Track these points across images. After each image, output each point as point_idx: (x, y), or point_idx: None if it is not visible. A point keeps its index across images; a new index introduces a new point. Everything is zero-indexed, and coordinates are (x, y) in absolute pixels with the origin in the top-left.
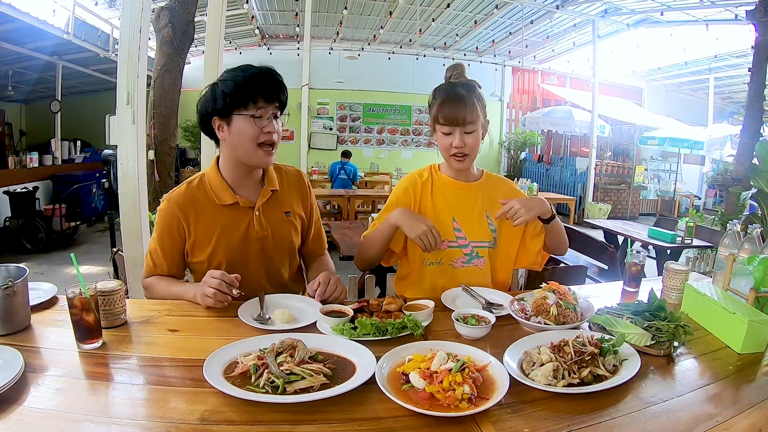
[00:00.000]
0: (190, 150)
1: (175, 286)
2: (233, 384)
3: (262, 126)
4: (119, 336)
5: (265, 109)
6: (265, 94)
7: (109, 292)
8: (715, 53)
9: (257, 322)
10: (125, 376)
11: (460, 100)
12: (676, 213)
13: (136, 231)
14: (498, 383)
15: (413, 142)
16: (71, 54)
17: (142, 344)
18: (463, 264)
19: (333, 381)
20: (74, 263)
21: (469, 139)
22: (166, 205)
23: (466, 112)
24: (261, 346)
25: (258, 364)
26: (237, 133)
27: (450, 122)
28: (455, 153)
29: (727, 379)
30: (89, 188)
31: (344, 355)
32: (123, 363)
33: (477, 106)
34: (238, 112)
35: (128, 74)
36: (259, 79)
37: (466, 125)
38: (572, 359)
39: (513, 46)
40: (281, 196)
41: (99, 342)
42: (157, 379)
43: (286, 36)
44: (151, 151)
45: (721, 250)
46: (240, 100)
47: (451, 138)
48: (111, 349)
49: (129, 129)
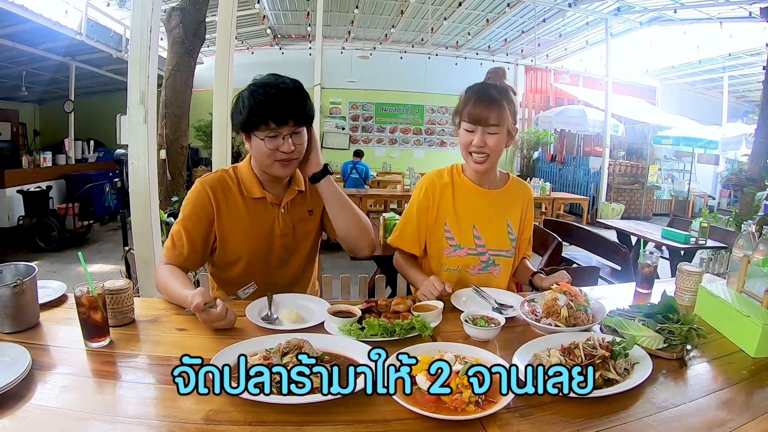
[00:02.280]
0: (203, 150)
1: (178, 291)
2: None
3: (276, 146)
4: (127, 334)
5: (278, 131)
6: (276, 118)
7: (117, 290)
8: (729, 51)
9: (265, 321)
10: (131, 374)
11: (488, 99)
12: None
13: (147, 230)
14: None
15: (426, 141)
16: (84, 54)
17: (150, 343)
18: (479, 271)
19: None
20: (82, 262)
21: (491, 140)
22: (199, 186)
23: (491, 112)
24: (267, 346)
25: (264, 363)
26: (255, 149)
27: (473, 120)
28: (474, 152)
29: (741, 384)
30: (102, 187)
31: (351, 356)
32: (130, 361)
33: (506, 109)
34: (253, 133)
35: (139, 74)
36: (271, 102)
37: (489, 126)
38: (582, 362)
39: (526, 45)
40: (306, 196)
41: (106, 340)
42: (163, 378)
43: (298, 36)
44: (163, 150)
45: (735, 252)
46: (253, 123)
47: (473, 136)
48: (118, 348)
49: (140, 128)
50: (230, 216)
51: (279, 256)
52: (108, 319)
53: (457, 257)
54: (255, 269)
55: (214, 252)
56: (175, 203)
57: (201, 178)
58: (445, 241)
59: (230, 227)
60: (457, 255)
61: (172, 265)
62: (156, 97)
